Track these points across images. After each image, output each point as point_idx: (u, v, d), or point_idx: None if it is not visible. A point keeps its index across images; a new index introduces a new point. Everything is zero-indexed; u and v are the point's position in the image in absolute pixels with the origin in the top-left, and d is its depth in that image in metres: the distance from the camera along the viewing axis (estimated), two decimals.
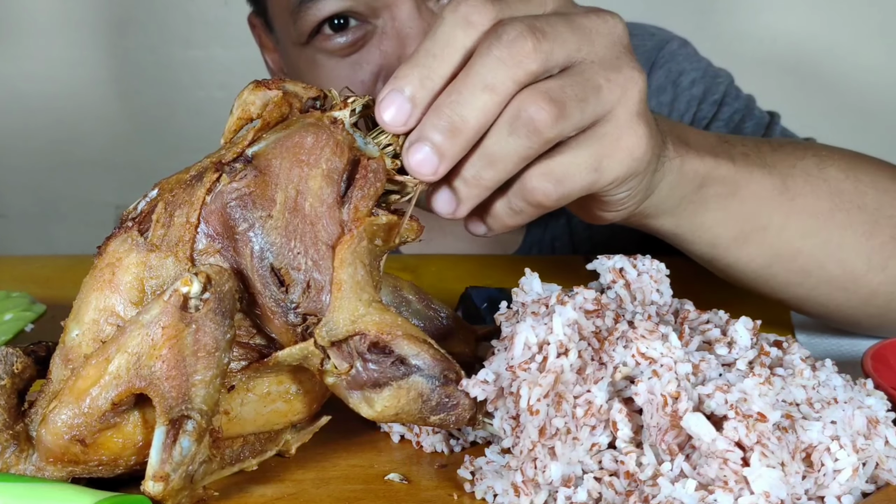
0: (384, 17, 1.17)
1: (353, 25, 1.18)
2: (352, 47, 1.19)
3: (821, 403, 0.72)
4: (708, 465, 0.66)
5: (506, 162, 0.72)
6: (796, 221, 0.94)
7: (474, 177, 0.73)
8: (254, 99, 0.76)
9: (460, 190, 0.74)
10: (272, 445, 0.76)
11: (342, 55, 1.20)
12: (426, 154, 0.71)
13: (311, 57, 1.23)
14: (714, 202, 0.89)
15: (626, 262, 0.79)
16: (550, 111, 0.70)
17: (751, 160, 0.92)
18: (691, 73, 1.45)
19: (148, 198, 0.74)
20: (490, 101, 0.70)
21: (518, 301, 0.77)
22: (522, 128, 0.71)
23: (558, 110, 0.71)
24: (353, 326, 0.71)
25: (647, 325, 0.71)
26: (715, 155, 0.89)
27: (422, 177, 0.72)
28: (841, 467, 0.69)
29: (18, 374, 0.74)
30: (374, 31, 1.18)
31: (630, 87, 0.75)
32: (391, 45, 1.17)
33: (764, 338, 0.77)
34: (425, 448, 0.80)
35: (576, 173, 0.74)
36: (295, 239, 0.71)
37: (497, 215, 0.77)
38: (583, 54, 0.74)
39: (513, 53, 0.70)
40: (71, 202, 2.64)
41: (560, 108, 0.71)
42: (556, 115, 0.71)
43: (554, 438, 0.69)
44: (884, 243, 0.97)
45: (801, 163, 0.95)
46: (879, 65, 2.50)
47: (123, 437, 0.70)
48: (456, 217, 0.75)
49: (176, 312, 0.67)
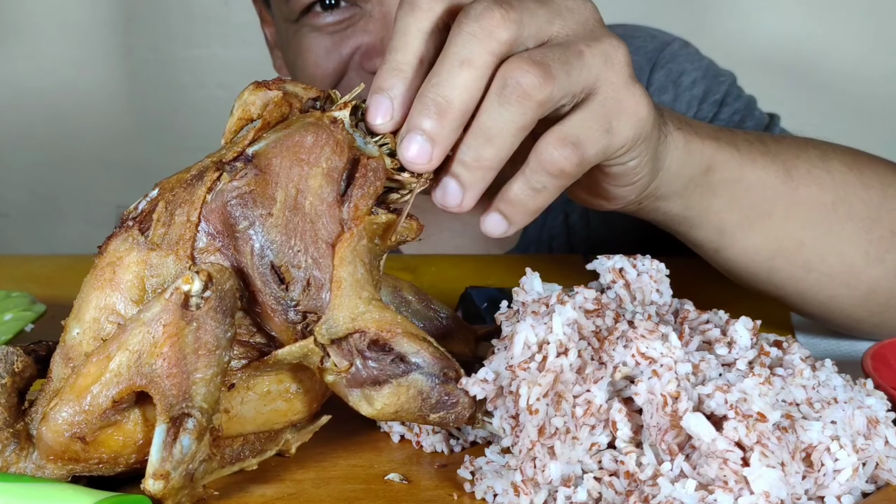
0: (373, 1, 1.21)
1: (343, 6, 1.22)
2: (337, 25, 1.23)
3: (821, 403, 0.72)
4: (708, 465, 0.66)
5: (503, 135, 0.72)
6: (799, 212, 0.95)
7: (474, 158, 0.72)
8: (254, 99, 0.76)
9: (462, 176, 0.73)
10: (272, 445, 0.76)
11: (327, 32, 1.24)
12: (419, 143, 0.71)
13: (299, 31, 1.27)
14: (720, 187, 0.90)
15: (625, 262, 0.79)
16: (536, 73, 0.70)
17: (754, 148, 0.93)
18: (692, 72, 1.45)
19: (149, 197, 0.74)
20: (470, 76, 0.71)
21: (518, 300, 0.77)
22: (512, 94, 0.70)
23: (543, 71, 0.71)
24: (353, 324, 0.71)
25: (646, 325, 0.71)
26: (717, 139, 0.89)
27: (419, 168, 0.72)
28: (841, 467, 0.69)
29: (19, 373, 0.74)
30: (362, 14, 1.22)
31: (613, 54, 0.75)
32: (377, 27, 1.21)
33: (764, 338, 0.77)
34: (425, 448, 0.80)
35: (590, 135, 0.74)
36: (295, 237, 0.71)
37: (517, 201, 0.75)
38: (555, 28, 0.75)
39: (482, 25, 0.71)
40: (72, 201, 2.64)
41: (545, 69, 0.71)
42: (543, 76, 0.70)
43: (553, 438, 0.69)
44: (882, 237, 0.97)
45: (804, 154, 0.96)
46: (876, 65, 2.49)
47: (124, 435, 0.70)
48: (463, 208, 0.74)
49: (177, 310, 0.67)
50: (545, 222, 1.44)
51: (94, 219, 2.56)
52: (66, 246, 2.44)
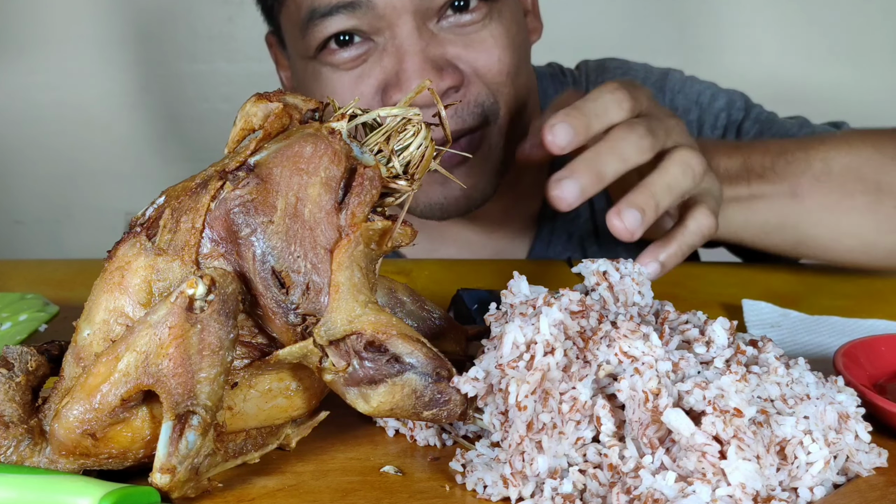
0: (385, 35, 1.21)
1: (357, 42, 1.23)
2: (354, 62, 1.24)
3: (794, 399, 0.72)
4: (687, 458, 0.66)
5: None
6: (807, 217, 1.09)
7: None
8: (256, 111, 0.76)
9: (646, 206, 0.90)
10: (273, 439, 0.76)
11: (345, 68, 1.24)
12: (574, 189, 0.89)
13: (317, 69, 1.27)
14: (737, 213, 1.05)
15: (609, 266, 0.80)
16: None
17: (764, 181, 1.08)
18: (707, 90, 1.48)
19: (155, 204, 0.74)
20: (622, 167, 0.91)
21: (507, 302, 0.77)
22: (689, 171, 0.93)
23: None
24: (350, 326, 0.71)
25: (629, 326, 0.72)
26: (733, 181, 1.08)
27: (561, 201, 0.89)
28: (813, 460, 0.69)
29: (33, 372, 0.74)
30: (376, 47, 1.23)
31: None
32: (391, 61, 1.21)
33: (740, 337, 0.78)
34: (419, 442, 0.80)
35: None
36: (295, 243, 0.71)
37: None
38: (672, 140, 0.96)
39: (640, 144, 0.92)
40: (83, 209, 2.63)
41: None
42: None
43: (541, 433, 0.69)
44: (889, 215, 1.10)
45: (810, 169, 1.10)
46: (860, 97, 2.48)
47: (132, 432, 0.70)
48: (635, 237, 0.89)
49: (182, 313, 0.67)
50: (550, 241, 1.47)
51: (104, 225, 2.55)
52: (78, 251, 2.43)
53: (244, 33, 2.47)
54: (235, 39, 2.50)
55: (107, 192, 2.61)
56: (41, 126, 2.57)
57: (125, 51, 2.54)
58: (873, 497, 0.70)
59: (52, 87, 2.54)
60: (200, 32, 2.52)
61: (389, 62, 1.22)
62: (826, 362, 0.89)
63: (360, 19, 1.20)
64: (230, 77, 2.53)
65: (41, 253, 2.60)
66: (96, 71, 2.55)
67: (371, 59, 1.23)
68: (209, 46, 2.52)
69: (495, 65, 1.25)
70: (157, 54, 2.55)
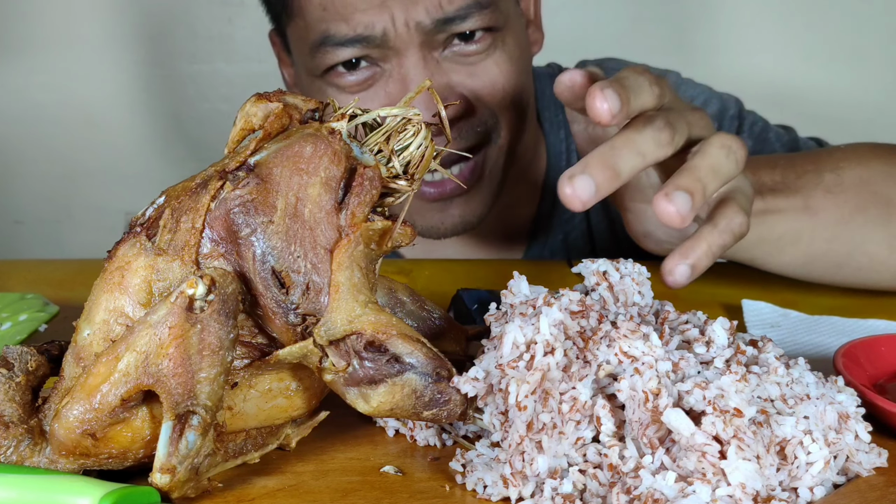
0: (392, 62, 1.24)
1: (363, 66, 1.26)
2: (360, 85, 1.27)
3: (794, 399, 0.71)
4: (687, 458, 0.66)
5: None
6: (822, 232, 1.05)
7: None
8: (256, 111, 0.76)
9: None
10: (273, 439, 0.75)
11: (350, 91, 1.27)
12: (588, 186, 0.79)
13: (322, 88, 1.29)
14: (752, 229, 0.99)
15: (609, 266, 0.79)
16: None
17: (777, 194, 1.05)
18: (701, 95, 1.49)
19: (155, 204, 0.74)
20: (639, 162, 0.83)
21: (507, 302, 0.77)
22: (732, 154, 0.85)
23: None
24: (350, 326, 0.70)
25: (629, 326, 0.71)
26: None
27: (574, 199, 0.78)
28: (813, 460, 0.69)
29: (33, 372, 0.74)
30: (382, 73, 1.26)
31: None
32: (396, 87, 1.25)
33: (740, 337, 0.77)
34: (419, 442, 0.79)
35: None
36: (295, 243, 0.71)
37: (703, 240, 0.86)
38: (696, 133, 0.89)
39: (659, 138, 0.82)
40: (83, 209, 2.63)
41: None
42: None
43: (541, 433, 0.68)
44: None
45: (822, 183, 1.07)
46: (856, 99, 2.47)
47: (132, 432, 0.69)
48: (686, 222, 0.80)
49: (182, 313, 0.67)
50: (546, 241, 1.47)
51: (104, 225, 2.55)
52: (78, 251, 2.43)
53: (244, 34, 2.47)
54: (235, 40, 2.50)
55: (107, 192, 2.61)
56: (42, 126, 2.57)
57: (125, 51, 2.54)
58: (873, 497, 0.70)
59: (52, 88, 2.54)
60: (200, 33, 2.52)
61: (394, 88, 1.25)
62: (826, 362, 0.88)
63: (370, 49, 1.23)
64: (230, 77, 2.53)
65: (41, 253, 2.60)
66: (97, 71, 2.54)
67: (377, 85, 1.26)
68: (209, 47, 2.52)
69: (499, 92, 1.29)
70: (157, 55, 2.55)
